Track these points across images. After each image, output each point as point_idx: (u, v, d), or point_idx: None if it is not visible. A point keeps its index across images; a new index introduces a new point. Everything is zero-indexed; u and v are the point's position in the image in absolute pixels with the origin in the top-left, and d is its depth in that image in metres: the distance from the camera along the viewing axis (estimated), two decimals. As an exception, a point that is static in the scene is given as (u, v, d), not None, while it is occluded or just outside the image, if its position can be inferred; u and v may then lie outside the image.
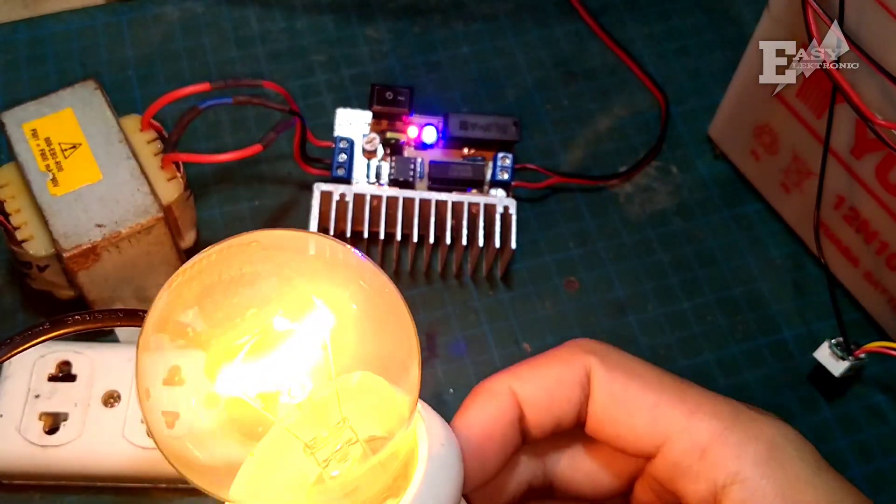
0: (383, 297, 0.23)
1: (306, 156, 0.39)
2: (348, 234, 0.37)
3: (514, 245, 0.38)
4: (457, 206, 0.38)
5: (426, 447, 0.23)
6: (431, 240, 0.38)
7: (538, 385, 0.26)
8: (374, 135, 0.39)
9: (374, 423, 0.23)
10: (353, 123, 0.40)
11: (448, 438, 0.24)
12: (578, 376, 0.26)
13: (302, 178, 0.42)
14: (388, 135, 0.39)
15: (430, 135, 0.39)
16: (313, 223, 0.37)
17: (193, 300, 0.22)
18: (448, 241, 0.38)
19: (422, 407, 0.24)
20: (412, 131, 0.39)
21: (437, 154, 0.40)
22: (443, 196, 0.38)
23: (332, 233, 0.38)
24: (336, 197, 0.38)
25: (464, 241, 0.38)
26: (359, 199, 0.38)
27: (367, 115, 0.40)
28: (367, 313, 0.23)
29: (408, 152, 0.40)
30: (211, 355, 0.22)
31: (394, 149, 0.39)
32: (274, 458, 0.23)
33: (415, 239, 0.39)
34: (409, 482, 0.22)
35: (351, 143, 0.39)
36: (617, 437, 0.25)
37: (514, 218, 0.38)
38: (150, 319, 0.22)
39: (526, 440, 0.26)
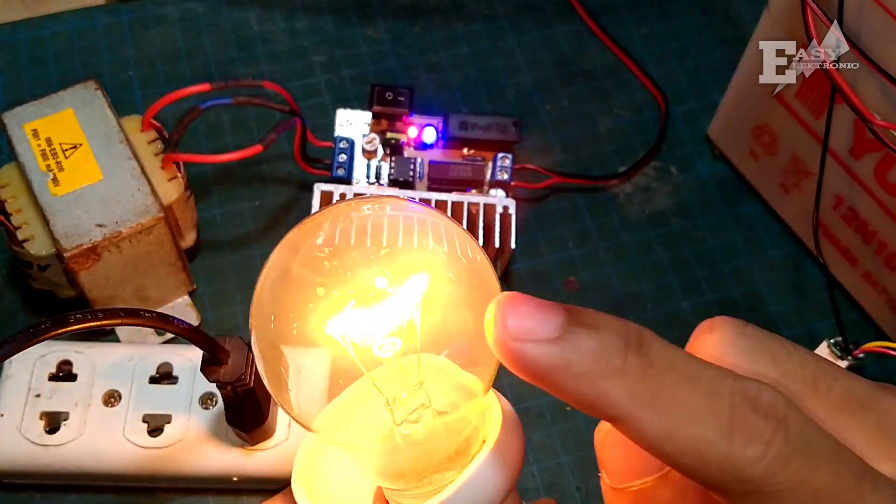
0: (482, 281, 0.24)
1: (307, 156, 0.39)
2: None
3: (513, 245, 0.38)
4: (456, 207, 0.38)
5: (495, 428, 0.24)
6: None
7: None
8: (374, 135, 0.39)
9: (447, 398, 0.25)
10: (353, 123, 0.40)
11: (515, 426, 0.25)
12: None
13: (302, 178, 0.42)
14: (388, 135, 0.39)
15: (429, 135, 0.39)
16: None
17: (323, 245, 0.24)
18: None
19: (493, 392, 0.25)
20: (412, 131, 0.39)
21: (436, 154, 0.40)
22: (442, 196, 0.38)
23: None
24: (336, 197, 0.38)
25: None
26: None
27: (367, 116, 0.40)
28: (464, 292, 0.24)
29: (408, 152, 0.40)
30: (327, 299, 0.24)
31: (394, 149, 0.39)
32: (357, 404, 0.25)
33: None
34: (470, 460, 0.23)
35: (351, 143, 0.39)
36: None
37: (513, 218, 0.38)
38: (288, 239, 0.24)
39: None
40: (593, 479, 0.37)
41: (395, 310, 0.24)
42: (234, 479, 0.34)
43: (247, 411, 0.31)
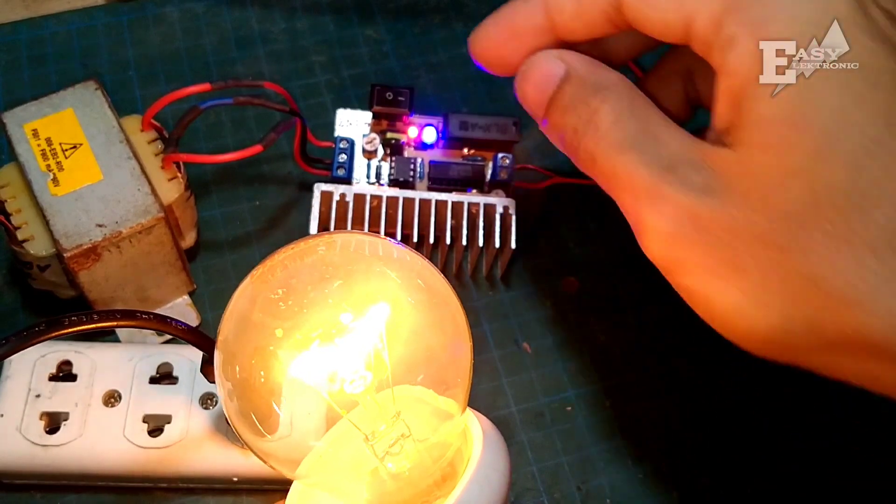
0: (443, 302, 0.24)
1: (307, 156, 0.39)
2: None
3: (513, 245, 0.38)
4: (456, 207, 0.38)
5: (477, 446, 0.24)
6: (431, 240, 0.38)
7: None
8: (374, 135, 0.39)
9: (426, 426, 0.25)
10: (353, 123, 0.40)
11: (496, 441, 0.24)
12: None
13: (302, 178, 0.42)
14: (388, 135, 0.39)
15: (430, 135, 0.39)
16: (313, 223, 0.37)
17: (277, 287, 0.24)
18: (448, 241, 0.38)
19: (470, 412, 0.25)
20: (412, 131, 0.39)
21: (436, 154, 0.40)
22: (442, 196, 0.38)
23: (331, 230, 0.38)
24: (336, 197, 0.38)
25: (463, 242, 0.38)
26: (359, 199, 0.38)
27: (367, 116, 0.40)
28: (427, 316, 0.25)
29: (408, 152, 0.40)
30: (287, 344, 0.24)
31: (394, 149, 0.39)
32: (337, 446, 0.25)
33: (415, 239, 0.39)
34: (457, 483, 0.23)
35: (351, 143, 0.39)
36: (646, 19, 0.27)
37: (513, 218, 0.38)
38: (237, 302, 0.25)
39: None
40: (593, 479, 0.37)
41: (360, 343, 0.24)
42: (234, 479, 0.34)
43: (247, 411, 0.31)
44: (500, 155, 0.39)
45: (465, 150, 0.40)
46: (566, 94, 0.29)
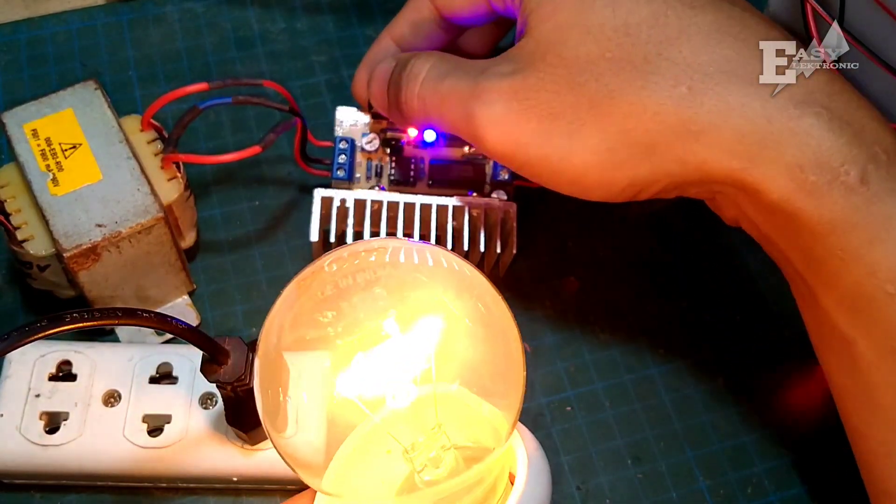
0: (497, 319, 0.24)
1: (307, 156, 0.39)
2: (350, 236, 0.37)
3: (514, 250, 0.38)
4: (457, 211, 0.38)
5: (523, 469, 0.23)
6: (432, 241, 0.38)
7: None
8: (373, 135, 0.39)
9: (466, 434, 0.24)
10: (353, 123, 0.40)
11: (540, 460, 0.24)
12: None
13: (302, 178, 0.42)
14: (388, 135, 0.39)
15: (430, 134, 0.39)
16: (314, 227, 0.37)
17: (324, 300, 0.24)
18: (449, 244, 0.38)
19: (517, 430, 0.24)
20: (412, 131, 0.39)
21: (437, 153, 0.40)
22: (444, 201, 0.38)
23: (333, 234, 0.38)
24: (336, 203, 0.37)
25: (465, 245, 0.38)
26: (359, 204, 0.38)
27: (367, 115, 0.40)
28: (479, 332, 0.24)
29: (408, 152, 0.40)
30: (335, 355, 0.23)
31: (394, 149, 0.39)
32: (365, 457, 0.24)
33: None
34: (497, 497, 0.22)
35: (351, 142, 0.39)
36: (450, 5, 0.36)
37: (515, 222, 0.38)
38: (284, 309, 0.24)
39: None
40: (593, 479, 0.37)
41: (408, 358, 0.23)
42: (234, 478, 0.34)
43: (247, 411, 0.31)
44: None
45: (466, 149, 0.40)
46: (395, 72, 0.35)
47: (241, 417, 0.31)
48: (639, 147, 0.29)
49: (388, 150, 0.39)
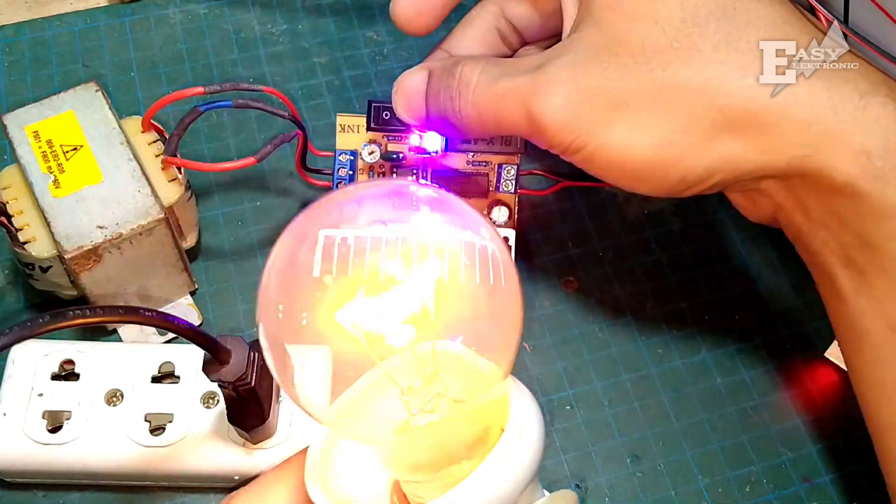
0: (499, 265, 0.24)
1: (307, 167, 0.39)
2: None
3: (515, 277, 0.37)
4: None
5: (515, 417, 0.23)
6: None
7: None
8: (374, 146, 0.38)
9: (463, 386, 0.24)
10: (354, 131, 0.39)
11: (533, 408, 0.24)
12: None
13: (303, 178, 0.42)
14: (390, 147, 0.39)
15: (432, 142, 0.38)
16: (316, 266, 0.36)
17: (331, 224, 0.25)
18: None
19: (511, 379, 0.25)
20: (414, 139, 0.38)
21: (440, 163, 0.39)
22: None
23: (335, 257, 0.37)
24: (338, 240, 0.37)
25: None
26: (360, 240, 0.37)
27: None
28: (480, 275, 0.25)
29: (409, 160, 0.39)
30: (337, 288, 0.24)
31: (395, 161, 0.39)
32: (368, 396, 0.25)
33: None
34: (489, 449, 0.23)
35: (351, 155, 0.39)
36: None
37: (512, 249, 0.37)
38: (285, 239, 0.25)
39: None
40: (593, 478, 0.37)
41: (408, 297, 0.24)
42: (236, 477, 0.34)
43: (248, 410, 0.31)
44: (504, 166, 0.39)
45: (470, 156, 0.39)
46: (434, 84, 0.34)
47: (243, 416, 0.31)
48: (701, 137, 0.29)
49: (390, 164, 0.38)
